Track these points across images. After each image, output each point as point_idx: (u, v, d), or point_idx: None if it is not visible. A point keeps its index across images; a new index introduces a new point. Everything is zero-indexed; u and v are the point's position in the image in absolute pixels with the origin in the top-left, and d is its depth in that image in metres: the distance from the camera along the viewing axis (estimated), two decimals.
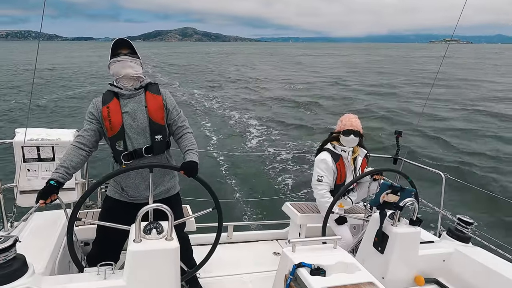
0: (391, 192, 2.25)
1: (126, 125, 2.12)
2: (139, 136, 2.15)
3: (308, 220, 3.23)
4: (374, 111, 16.65)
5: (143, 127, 2.15)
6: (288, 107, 17.92)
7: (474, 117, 14.99)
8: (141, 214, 1.67)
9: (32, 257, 1.63)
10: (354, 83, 27.90)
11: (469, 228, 2.48)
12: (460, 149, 10.26)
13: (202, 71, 38.43)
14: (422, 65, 51.12)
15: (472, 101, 19.20)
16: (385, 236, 2.25)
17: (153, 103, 2.17)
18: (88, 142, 2.11)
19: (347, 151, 2.95)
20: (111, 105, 2.12)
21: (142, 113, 2.14)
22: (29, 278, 1.51)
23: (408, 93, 22.34)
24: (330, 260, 1.81)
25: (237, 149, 10.85)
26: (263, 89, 24.48)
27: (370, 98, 20.41)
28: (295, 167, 9.20)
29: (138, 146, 2.15)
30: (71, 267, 2.61)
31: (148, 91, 2.20)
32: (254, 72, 37.01)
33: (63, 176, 1.97)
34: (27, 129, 2.63)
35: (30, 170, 2.81)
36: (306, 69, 41.82)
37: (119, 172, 2.06)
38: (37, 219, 2.64)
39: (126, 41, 2.16)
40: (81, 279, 1.68)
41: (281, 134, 12.73)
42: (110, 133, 2.12)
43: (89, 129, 2.13)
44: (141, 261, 1.64)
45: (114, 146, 2.15)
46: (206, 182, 2.04)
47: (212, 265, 2.83)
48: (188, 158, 2.11)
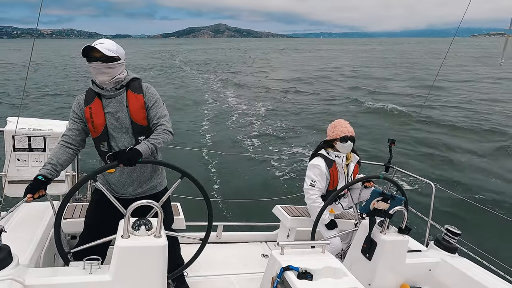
0: (381, 199, 2.26)
1: (109, 126, 2.09)
2: (123, 136, 2.12)
3: (298, 223, 3.24)
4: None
5: (126, 127, 2.11)
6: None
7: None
8: (130, 209, 1.66)
9: (17, 248, 1.61)
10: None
11: (456, 239, 2.51)
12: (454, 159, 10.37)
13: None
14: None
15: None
16: (373, 243, 2.26)
17: (134, 103, 2.11)
18: (73, 141, 2.10)
19: (341, 157, 2.96)
20: (93, 106, 2.08)
21: (123, 113, 2.10)
22: (13, 270, 1.50)
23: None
24: (318, 265, 1.82)
25: (231, 149, 10.84)
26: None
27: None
28: (288, 170, 9.21)
29: (122, 146, 2.12)
30: (57, 260, 2.58)
31: (130, 89, 2.13)
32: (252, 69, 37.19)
33: (51, 172, 1.96)
34: (19, 118, 2.60)
35: (20, 160, 2.77)
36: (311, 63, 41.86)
37: (105, 169, 2.04)
38: (24, 210, 2.61)
39: (94, 48, 1.97)
40: (66, 272, 1.66)
41: (277, 136, 12.74)
42: (94, 134, 2.10)
43: (74, 128, 2.11)
44: (128, 257, 1.63)
45: (99, 147, 2.13)
46: (196, 179, 2.03)
47: (200, 264, 2.82)
48: (135, 147, 2.01)
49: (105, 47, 1.99)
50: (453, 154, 10.62)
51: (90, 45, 1.97)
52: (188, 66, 40.35)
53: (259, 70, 36.27)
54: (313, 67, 40.38)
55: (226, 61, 49.57)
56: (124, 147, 2.11)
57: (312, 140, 11.88)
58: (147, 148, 2.00)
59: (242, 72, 33.32)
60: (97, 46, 1.97)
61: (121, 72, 2.10)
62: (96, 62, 1.98)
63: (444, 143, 11.78)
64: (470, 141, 12.03)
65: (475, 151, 10.97)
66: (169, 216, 2.47)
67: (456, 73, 32.74)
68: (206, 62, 47.37)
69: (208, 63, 45.72)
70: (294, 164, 9.63)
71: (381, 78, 29.47)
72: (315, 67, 40.99)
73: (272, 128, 13.93)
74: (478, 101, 19.33)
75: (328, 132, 3.04)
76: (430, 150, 11.08)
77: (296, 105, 18.70)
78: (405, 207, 2.24)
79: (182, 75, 32.40)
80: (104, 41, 2.03)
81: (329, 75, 32.51)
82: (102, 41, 2.03)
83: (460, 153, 10.73)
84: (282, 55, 67.05)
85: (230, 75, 30.59)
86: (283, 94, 22.00)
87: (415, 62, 48.01)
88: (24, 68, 32.45)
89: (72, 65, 40.48)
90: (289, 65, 43.96)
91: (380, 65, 42.74)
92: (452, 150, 11.09)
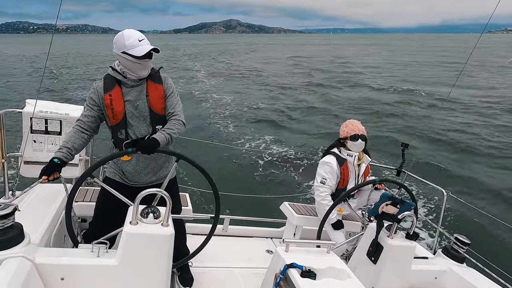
0: (391, 203, 2.23)
1: (128, 114, 2.11)
2: (140, 125, 2.14)
3: (304, 221, 3.23)
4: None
5: (144, 116, 2.14)
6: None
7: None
8: (140, 197, 1.68)
9: (29, 227, 1.65)
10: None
11: (465, 248, 2.47)
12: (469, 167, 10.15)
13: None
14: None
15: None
16: (379, 246, 2.24)
17: (154, 93, 2.15)
18: (88, 127, 2.12)
19: (353, 156, 2.95)
20: (114, 93, 2.09)
21: (143, 102, 2.13)
22: (24, 248, 1.54)
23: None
24: (322, 264, 1.81)
25: (243, 144, 10.86)
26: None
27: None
28: (298, 168, 9.19)
29: (139, 135, 2.15)
30: (66, 241, 2.64)
31: (150, 79, 2.17)
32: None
33: (66, 155, 2.00)
34: (38, 101, 2.66)
35: (37, 141, 2.84)
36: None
37: (120, 155, 2.07)
38: (39, 191, 2.68)
39: (156, 49, 2.07)
40: (75, 254, 1.70)
41: (290, 133, 12.70)
42: (112, 121, 2.12)
43: (90, 115, 2.12)
44: (135, 243, 1.66)
45: (116, 134, 2.15)
46: (205, 170, 2.04)
47: (204, 256, 2.85)
48: (153, 136, 2.06)
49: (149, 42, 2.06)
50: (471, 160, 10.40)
51: (154, 47, 2.04)
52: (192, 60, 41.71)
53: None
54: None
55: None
56: (141, 135, 2.14)
57: (326, 139, 11.81)
58: (164, 138, 2.04)
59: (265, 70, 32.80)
60: (155, 46, 2.04)
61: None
62: (147, 60, 2.05)
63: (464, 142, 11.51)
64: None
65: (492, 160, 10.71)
66: (178, 205, 2.50)
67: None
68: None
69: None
70: (305, 161, 9.60)
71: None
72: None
73: (284, 124, 13.89)
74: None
75: (340, 131, 3.07)
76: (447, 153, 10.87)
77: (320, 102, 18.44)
78: (414, 213, 2.21)
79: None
80: (143, 35, 2.07)
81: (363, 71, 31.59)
82: (143, 36, 2.07)
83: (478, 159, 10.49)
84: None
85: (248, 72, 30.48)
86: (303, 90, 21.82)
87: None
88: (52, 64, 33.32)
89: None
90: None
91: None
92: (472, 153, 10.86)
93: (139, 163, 2.21)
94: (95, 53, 48.80)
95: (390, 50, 68.92)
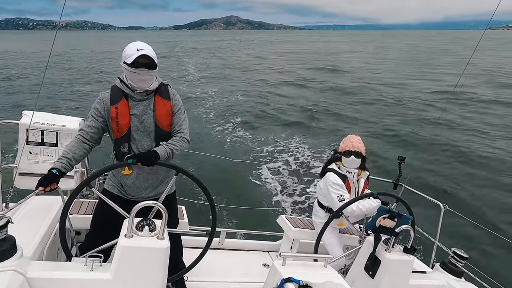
0: (388, 217, 2.23)
1: (133, 128, 2.10)
2: (144, 139, 2.13)
3: (301, 235, 3.21)
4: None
5: (149, 131, 2.13)
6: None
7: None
8: (136, 209, 1.67)
9: (22, 240, 1.62)
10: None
11: (463, 263, 2.45)
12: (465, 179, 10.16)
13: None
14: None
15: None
16: (377, 260, 2.22)
17: (161, 109, 2.13)
18: (91, 138, 2.10)
19: (352, 173, 2.95)
20: (120, 106, 2.07)
21: (149, 117, 2.12)
22: (16, 261, 1.51)
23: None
24: (319, 279, 1.79)
25: (239, 155, 10.85)
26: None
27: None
28: (295, 181, 9.17)
29: (142, 149, 2.13)
30: (60, 254, 2.60)
31: (158, 94, 2.15)
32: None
33: (65, 166, 1.97)
34: (34, 112, 2.65)
35: (32, 153, 2.82)
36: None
37: (116, 167, 2.06)
38: (33, 203, 2.65)
39: (146, 56, 1.98)
40: (68, 268, 1.67)
41: (286, 145, 12.72)
42: (117, 134, 2.10)
43: (94, 126, 2.10)
44: (130, 257, 1.63)
45: (119, 148, 2.13)
46: (204, 184, 2.04)
47: (200, 270, 2.81)
48: (154, 149, 2.04)
49: (152, 54, 2.00)
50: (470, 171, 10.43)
51: (143, 53, 1.96)
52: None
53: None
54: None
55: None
56: (144, 150, 2.12)
57: (323, 149, 11.83)
58: (165, 152, 2.03)
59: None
60: (148, 54, 1.97)
61: (156, 81, 2.13)
62: (143, 69, 1.98)
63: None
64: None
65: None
66: (175, 218, 2.48)
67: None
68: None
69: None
70: (301, 173, 9.58)
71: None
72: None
73: (281, 137, 13.93)
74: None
75: (341, 146, 3.08)
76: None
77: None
78: (412, 227, 2.20)
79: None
80: (146, 46, 2.01)
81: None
82: (144, 47, 2.01)
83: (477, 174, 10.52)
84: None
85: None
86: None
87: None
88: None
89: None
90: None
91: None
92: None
93: (139, 178, 2.19)
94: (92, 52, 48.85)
95: (378, 47, 69.90)
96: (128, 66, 1.99)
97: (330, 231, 2.93)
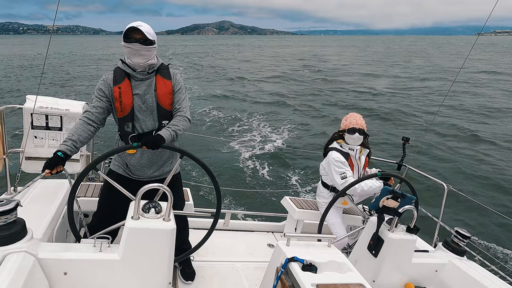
0: (391, 197, 2.24)
1: (136, 107, 2.12)
2: (147, 118, 2.16)
3: (305, 216, 3.24)
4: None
5: (152, 110, 2.15)
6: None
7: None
8: (141, 192, 1.69)
9: (31, 222, 1.66)
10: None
11: (465, 242, 2.48)
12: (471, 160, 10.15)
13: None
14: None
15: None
16: (380, 240, 2.25)
17: (163, 88, 2.16)
18: (96, 118, 2.11)
19: (355, 150, 2.96)
20: (123, 86, 2.10)
21: (151, 96, 2.14)
22: (27, 243, 1.55)
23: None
24: (323, 258, 1.82)
25: (240, 138, 10.86)
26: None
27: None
28: (298, 162, 9.20)
29: (146, 129, 2.16)
30: (69, 236, 2.65)
31: (159, 74, 2.18)
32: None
33: (70, 149, 1.98)
34: (38, 97, 2.65)
35: (37, 137, 2.84)
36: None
37: (122, 149, 2.08)
38: (41, 186, 2.69)
39: (137, 29, 2.03)
40: (77, 249, 1.71)
41: (287, 127, 12.70)
42: (120, 114, 2.12)
43: (98, 106, 2.11)
44: (137, 238, 1.67)
45: (123, 127, 2.16)
46: (208, 167, 2.05)
47: (206, 250, 2.87)
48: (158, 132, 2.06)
49: (145, 30, 2.03)
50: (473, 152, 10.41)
51: (133, 25, 2.02)
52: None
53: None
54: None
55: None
56: (147, 129, 2.16)
57: (322, 132, 11.81)
58: (169, 135, 2.05)
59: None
60: (140, 28, 2.01)
61: (154, 56, 2.14)
62: (136, 44, 2.02)
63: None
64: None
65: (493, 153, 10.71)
66: (180, 200, 2.51)
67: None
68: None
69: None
70: (305, 155, 9.61)
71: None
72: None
73: (282, 120, 13.89)
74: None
75: (341, 123, 3.09)
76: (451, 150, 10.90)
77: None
78: (415, 207, 2.22)
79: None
80: (142, 24, 2.06)
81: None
82: (141, 24, 2.05)
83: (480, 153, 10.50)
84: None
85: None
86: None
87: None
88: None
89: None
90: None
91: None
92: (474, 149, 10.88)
93: (144, 157, 2.22)
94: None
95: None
96: (123, 42, 2.04)
97: (333, 211, 2.96)
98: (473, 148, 10.94)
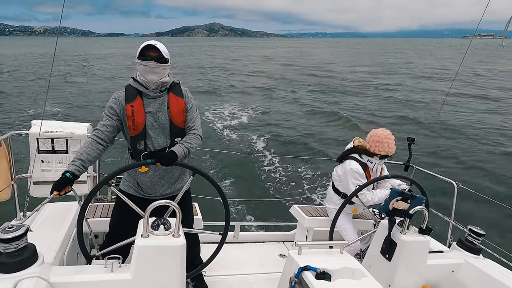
0: (401, 199, 2.22)
1: (148, 125, 2.13)
2: (159, 136, 2.16)
3: (315, 223, 3.22)
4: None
5: (164, 128, 2.16)
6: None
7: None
8: (150, 209, 1.68)
9: (42, 246, 1.66)
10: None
11: (480, 240, 2.43)
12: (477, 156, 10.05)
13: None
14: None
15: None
16: (393, 243, 2.22)
17: (176, 106, 2.17)
18: (106, 137, 2.11)
19: (374, 163, 2.91)
20: (135, 104, 2.10)
21: (164, 114, 2.15)
22: (39, 268, 1.55)
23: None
24: (336, 265, 1.80)
25: (246, 149, 10.86)
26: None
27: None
28: (306, 171, 9.16)
29: (158, 147, 2.16)
30: (80, 258, 2.65)
31: (171, 92, 2.19)
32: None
33: (79, 169, 1.98)
34: (43, 121, 2.69)
35: (44, 161, 2.87)
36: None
37: (136, 166, 2.07)
38: (49, 210, 2.70)
39: (154, 47, 2.07)
40: (88, 271, 1.70)
41: (291, 137, 12.69)
42: (133, 132, 2.12)
43: (109, 125, 2.11)
44: (148, 256, 1.66)
45: (135, 145, 2.15)
46: (214, 180, 2.05)
47: (218, 264, 2.84)
48: (171, 149, 2.08)
49: (161, 48, 2.08)
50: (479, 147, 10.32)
51: (150, 43, 2.06)
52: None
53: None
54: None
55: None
56: (159, 147, 2.16)
57: (329, 139, 11.78)
58: (182, 152, 2.07)
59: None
60: (157, 46, 2.06)
61: (166, 74, 2.17)
62: (151, 62, 2.05)
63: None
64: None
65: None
66: (190, 216, 2.50)
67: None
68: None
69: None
70: (311, 164, 9.57)
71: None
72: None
73: (288, 129, 13.89)
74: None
75: (371, 142, 2.89)
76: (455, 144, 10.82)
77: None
78: (426, 207, 2.19)
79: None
80: (158, 43, 2.10)
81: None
82: (157, 42, 2.10)
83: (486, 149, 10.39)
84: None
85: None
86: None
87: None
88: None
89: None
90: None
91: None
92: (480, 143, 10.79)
93: (156, 175, 2.22)
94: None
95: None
96: (138, 59, 2.06)
97: (344, 216, 2.93)
98: (481, 141, 10.84)
